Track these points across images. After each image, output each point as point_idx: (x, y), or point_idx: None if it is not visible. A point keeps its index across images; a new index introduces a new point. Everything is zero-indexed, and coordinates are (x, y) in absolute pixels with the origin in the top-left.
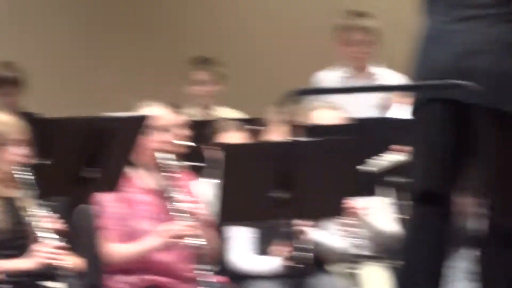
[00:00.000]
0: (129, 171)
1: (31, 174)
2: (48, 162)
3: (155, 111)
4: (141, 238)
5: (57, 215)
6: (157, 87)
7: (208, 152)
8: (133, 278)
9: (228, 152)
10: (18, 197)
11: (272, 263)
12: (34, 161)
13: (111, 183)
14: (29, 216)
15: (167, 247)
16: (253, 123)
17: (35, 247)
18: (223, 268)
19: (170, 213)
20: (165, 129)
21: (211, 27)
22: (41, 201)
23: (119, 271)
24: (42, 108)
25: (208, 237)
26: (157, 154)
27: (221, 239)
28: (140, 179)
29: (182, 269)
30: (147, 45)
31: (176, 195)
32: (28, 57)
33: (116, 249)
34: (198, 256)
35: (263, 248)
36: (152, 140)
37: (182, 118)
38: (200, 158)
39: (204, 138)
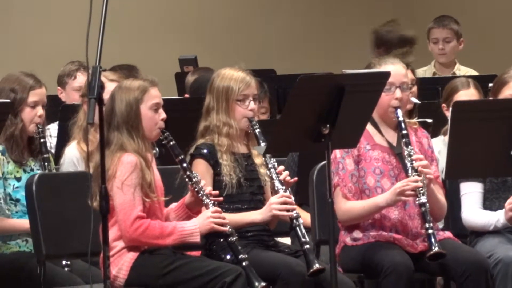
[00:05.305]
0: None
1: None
2: (287, 117)
3: (395, 68)
4: (374, 195)
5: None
6: None
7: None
8: (370, 234)
9: (456, 108)
10: (251, 152)
11: (501, 217)
12: (270, 117)
13: (350, 140)
14: (262, 170)
15: (399, 204)
16: (488, 81)
17: (269, 199)
18: (450, 223)
19: (403, 170)
20: (400, 86)
21: None
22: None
23: (354, 227)
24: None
25: (436, 193)
26: (397, 111)
27: (448, 195)
28: (375, 136)
29: (412, 225)
30: None
31: (410, 152)
32: None
33: (349, 205)
34: (426, 212)
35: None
36: (391, 97)
37: (412, 76)
38: (431, 115)
39: (436, 96)
